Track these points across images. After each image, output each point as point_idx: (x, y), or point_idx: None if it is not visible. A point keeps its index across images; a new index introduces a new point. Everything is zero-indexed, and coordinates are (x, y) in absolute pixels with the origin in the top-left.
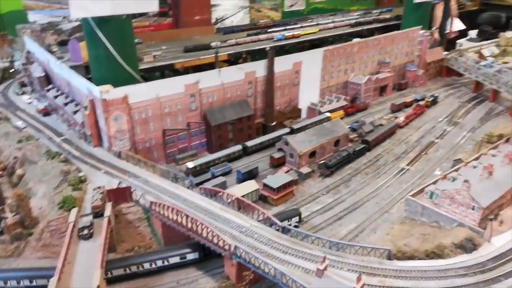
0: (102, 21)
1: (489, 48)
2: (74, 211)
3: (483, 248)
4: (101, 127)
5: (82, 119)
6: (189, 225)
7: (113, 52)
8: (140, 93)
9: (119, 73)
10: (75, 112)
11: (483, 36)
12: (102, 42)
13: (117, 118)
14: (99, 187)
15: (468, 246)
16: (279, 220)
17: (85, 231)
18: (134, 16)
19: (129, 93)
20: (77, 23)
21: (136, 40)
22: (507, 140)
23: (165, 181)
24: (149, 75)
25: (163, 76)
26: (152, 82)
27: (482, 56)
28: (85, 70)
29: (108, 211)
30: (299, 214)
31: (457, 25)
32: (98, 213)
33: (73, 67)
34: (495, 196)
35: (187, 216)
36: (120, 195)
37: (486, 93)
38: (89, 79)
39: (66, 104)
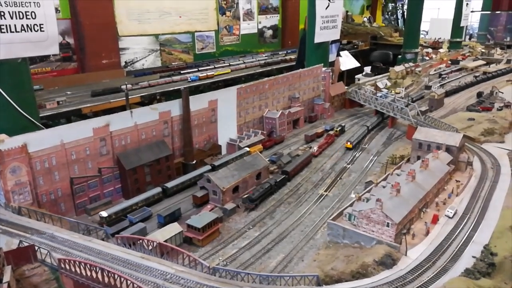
0: None
1: (382, 81)
2: None
3: (401, 262)
4: None
5: None
6: (106, 279)
7: (8, 98)
8: (42, 140)
9: (16, 121)
10: None
11: (376, 71)
12: None
13: (15, 170)
14: None
15: (388, 261)
16: None
17: None
18: (34, 61)
19: (29, 141)
20: None
21: (37, 87)
22: (407, 160)
23: (75, 234)
24: (53, 122)
25: (69, 122)
26: (55, 128)
27: (377, 88)
28: None
29: (7, 276)
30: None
31: (352, 62)
32: None
33: None
34: (405, 211)
35: (103, 270)
36: (22, 255)
37: (386, 120)
38: None
39: None
